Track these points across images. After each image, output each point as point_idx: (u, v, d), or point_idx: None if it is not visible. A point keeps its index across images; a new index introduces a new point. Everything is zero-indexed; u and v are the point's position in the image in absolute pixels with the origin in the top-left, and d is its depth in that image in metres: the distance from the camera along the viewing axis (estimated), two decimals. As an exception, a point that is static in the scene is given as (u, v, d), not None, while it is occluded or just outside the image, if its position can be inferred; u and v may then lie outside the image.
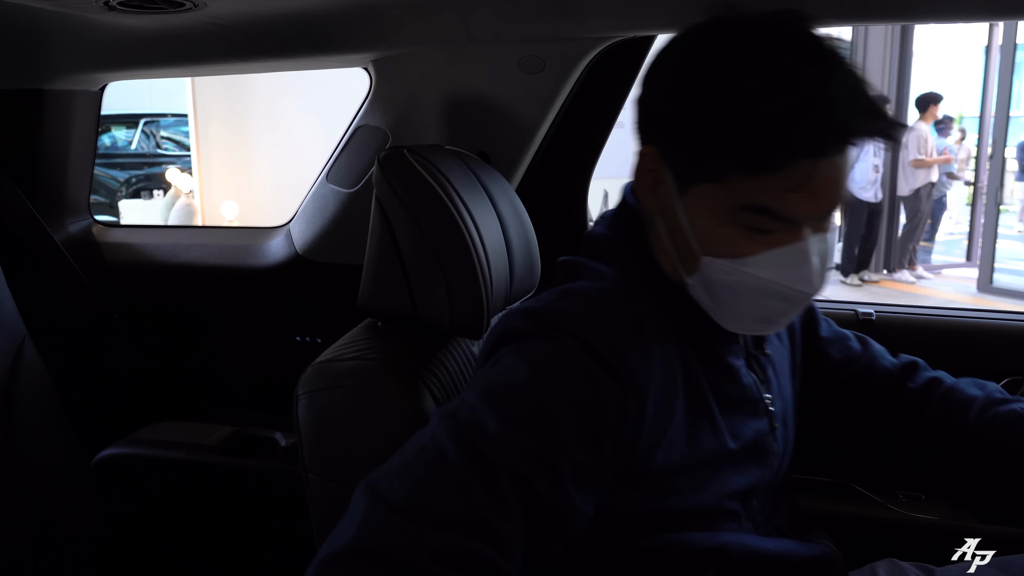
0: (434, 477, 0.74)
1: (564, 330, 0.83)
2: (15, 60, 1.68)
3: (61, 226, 1.94)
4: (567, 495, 0.77)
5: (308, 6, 1.36)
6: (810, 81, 0.77)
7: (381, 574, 0.69)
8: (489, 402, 0.79)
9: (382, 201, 1.10)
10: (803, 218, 0.82)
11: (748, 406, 0.96)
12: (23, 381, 1.55)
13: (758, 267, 0.84)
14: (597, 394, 0.80)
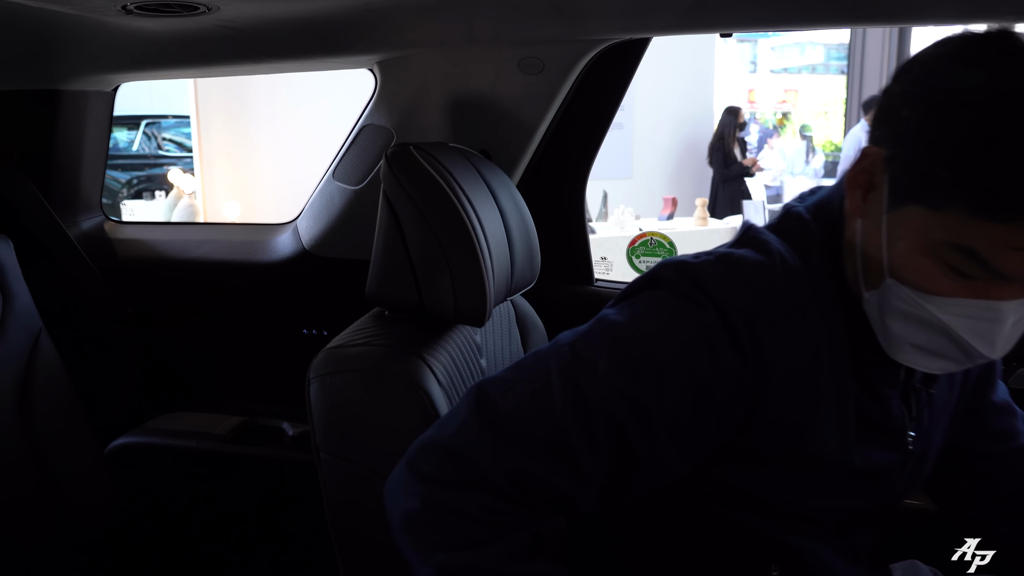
0: (534, 403, 0.80)
1: (706, 293, 0.81)
2: (33, 61, 1.72)
3: (74, 223, 1.98)
4: (657, 451, 0.80)
5: (317, 10, 1.40)
6: None
7: (463, 474, 0.79)
8: (608, 342, 0.81)
9: (389, 195, 1.14)
10: (1012, 277, 0.74)
11: (886, 436, 0.92)
12: (40, 372, 1.59)
13: (942, 309, 0.77)
14: (717, 366, 0.79)
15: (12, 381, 1.56)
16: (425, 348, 1.09)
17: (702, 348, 0.79)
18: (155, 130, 10.05)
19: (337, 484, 1.05)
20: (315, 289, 1.85)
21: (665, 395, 0.79)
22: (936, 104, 0.72)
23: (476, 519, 0.79)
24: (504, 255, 1.21)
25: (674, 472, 0.83)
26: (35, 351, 1.60)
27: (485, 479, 0.79)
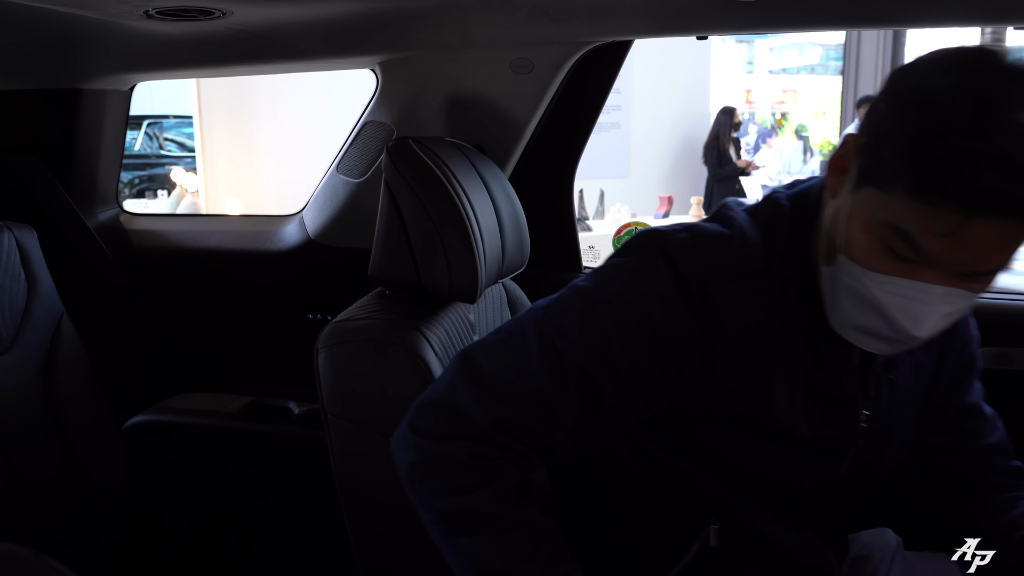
0: (514, 359, 0.91)
1: (666, 255, 0.91)
2: (56, 62, 1.81)
3: (92, 214, 2.07)
4: (621, 392, 0.90)
5: (323, 14, 1.50)
6: (1006, 136, 0.72)
7: (453, 425, 0.91)
8: (578, 302, 0.92)
9: (390, 184, 1.25)
10: (943, 264, 0.79)
11: (836, 411, 0.98)
12: (61, 353, 1.68)
13: (879, 286, 0.83)
14: (671, 314, 0.89)
15: (37, 360, 1.65)
16: (423, 322, 1.19)
17: (657, 300, 0.89)
18: (157, 130, 10.02)
19: (343, 443, 1.16)
20: (320, 276, 1.94)
21: (626, 342, 0.89)
22: (905, 100, 0.79)
23: (466, 465, 0.90)
24: (495, 240, 1.31)
25: (638, 414, 0.93)
26: (57, 333, 1.69)
27: (473, 427, 0.90)
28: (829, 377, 0.97)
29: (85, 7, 1.39)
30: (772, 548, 1.01)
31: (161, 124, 10.08)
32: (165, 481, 1.89)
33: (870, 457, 1.02)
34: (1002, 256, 0.79)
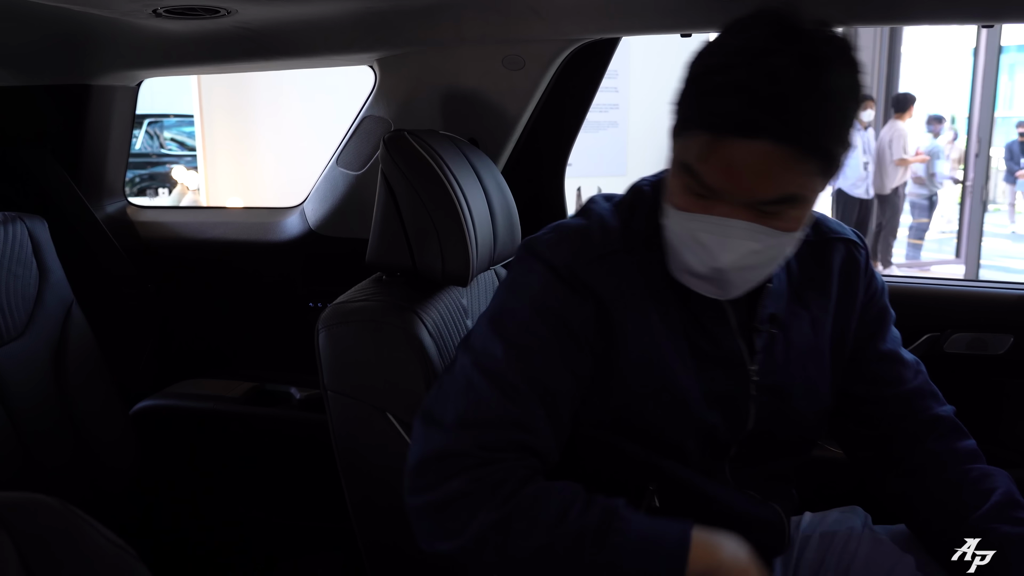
0: (469, 397, 0.96)
1: (538, 256, 1.01)
2: (67, 59, 1.88)
3: (100, 206, 2.14)
4: (566, 379, 0.98)
5: (324, 13, 1.56)
6: (741, 69, 0.82)
7: (446, 466, 0.93)
8: (494, 328, 1.00)
9: (387, 174, 1.31)
10: (725, 193, 0.88)
11: (725, 369, 1.04)
12: (72, 339, 1.74)
13: (684, 223, 0.93)
14: (564, 303, 0.98)
15: (49, 346, 1.71)
16: (418, 305, 1.26)
17: (547, 294, 0.99)
18: (157, 129, 10.00)
19: (342, 418, 1.22)
20: (320, 265, 2.01)
21: (545, 338, 0.98)
22: (695, 56, 0.89)
23: (473, 489, 0.92)
24: (487, 227, 1.38)
25: (581, 387, 1.01)
26: (68, 320, 1.75)
27: (465, 458, 0.93)
28: (710, 338, 1.03)
29: (98, 6, 1.45)
30: (715, 504, 1.05)
31: (162, 123, 10.07)
32: (172, 463, 1.96)
33: (776, 411, 1.07)
34: (773, 183, 0.86)
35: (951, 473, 1.09)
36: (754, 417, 1.06)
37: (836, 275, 1.12)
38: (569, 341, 0.99)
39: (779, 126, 0.82)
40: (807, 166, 0.86)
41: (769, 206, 0.88)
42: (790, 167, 0.85)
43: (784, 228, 0.91)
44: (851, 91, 0.87)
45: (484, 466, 0.92)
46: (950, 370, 1.70)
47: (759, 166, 0.85)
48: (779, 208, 0.89)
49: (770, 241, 0.91)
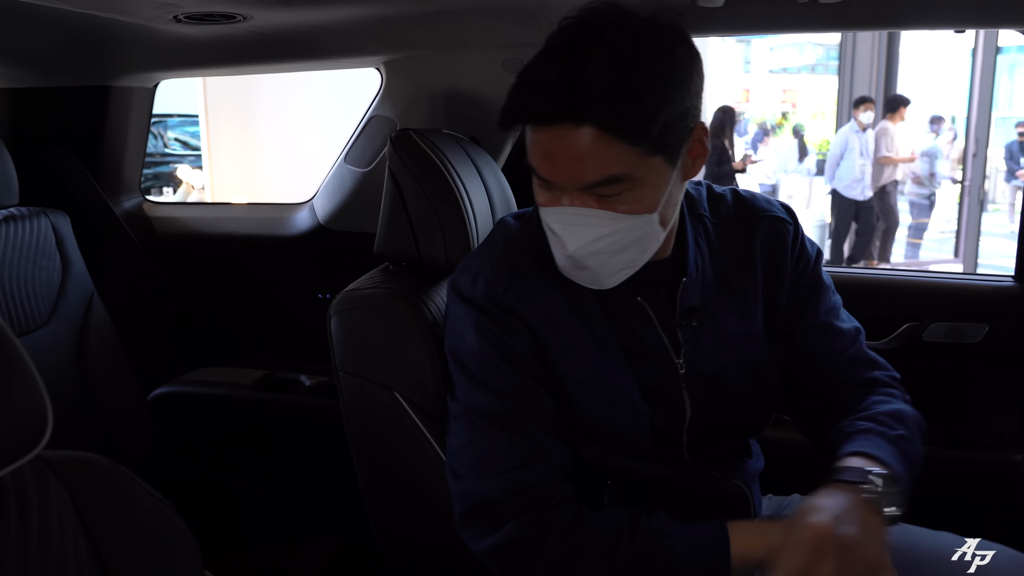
0: (478, 447, 1.04)
1: (462, 297, 1.09)
2: (89, 62, 1.97)
3: (119, 202, 2.23)
4: (543, 394, 1.05)
5: (334, 18, 1.65)
6: (539, 65, 0.91)
7: (492, 519, 1.01)
8: (464, 373, 1.07)
9: (394, 171, 1.38)
10: (551, 180, 0.96)
11: (653, 362, 1.09)
12: (93, 328, 1.83)
13: (543, 218, 1.01)
14: (498, 330, 1.05)
15: (72, 334, 1.81)
16: (423, 292, 1.34)
17: (482, 328, 1.06)
18: (161, 129, 10.01)
19: (353, 396, 1.30)
20: (329, 258, 2.09)
21: (505, 369, 1.05)
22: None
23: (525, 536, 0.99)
24: (488, 221, 1.46)
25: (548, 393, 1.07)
26: (89, 310, 1.84)
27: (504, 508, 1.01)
28: (634, 335, 1.08)
29: (123, 12, 1.55)
30: (674, 489, 1.11)
31: (166, 123, 10.05)
32: (187, 446, 2.04)
33: (714, 398, 1.11)
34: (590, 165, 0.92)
35: (859, 399, 1.12)
36: (690, 406, 1.10)
37: (759, 254, 1.14)
38: (524, 362, 1.05)
39: (576, 111, 0.88)
40: (619, 146, 0.90)
41: (602, 188, 0.93)
42: (601, 148, 0.90)
43: (629, 211, 0.95)
44: (649, 71, 0.90)
45: (525, 512, 1.00)
46: (928, 358, 1.78)
47: (571, 151, 0.91)
48: (613, 190, 0.94)
49: (617, 225, 0.96)
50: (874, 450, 1.00)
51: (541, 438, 1.04)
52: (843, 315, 1.21)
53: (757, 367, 1.14)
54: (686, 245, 1.11)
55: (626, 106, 0.89)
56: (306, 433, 1.97)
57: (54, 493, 0.69)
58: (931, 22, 1.54)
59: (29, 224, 1.78)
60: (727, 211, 1.18)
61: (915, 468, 1.04)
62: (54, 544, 0.66)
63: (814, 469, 1.11)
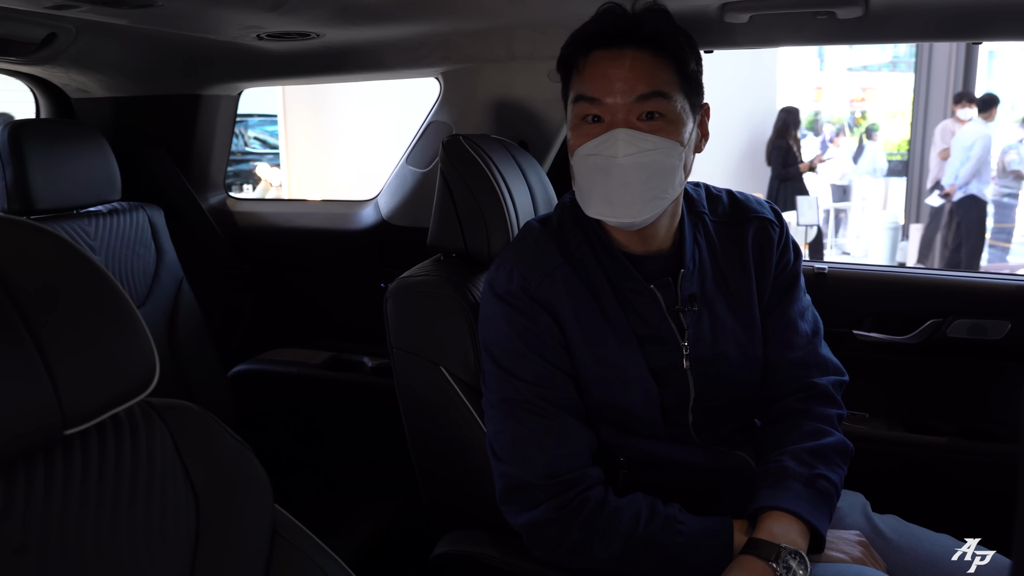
0: (512, 432, 1.16)
1: (496, 294, 1.20)
2: (183, 74, 2.18)
3: (205, 198, 2.44)
4: (567, 382, 1.17)
5: (397, 35, 1.81)
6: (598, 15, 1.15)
7: (528, 499, 1.14)
8: (497, 364, 1.18)
9: (445, 173, 1.52)
10: (604, 96, 1.10)
11: (662, 346, 1.20)
12: (182, 311, 2.04)
13: (587, 153, 1.14)
14: (527, 322, 1.17)
15: (164, 315, 2.02)
16: (468, 280, 1.47)
17: (513, 321, 1.18)
18: (242, 128, 10.20)
19: (404, 370, 1.45)
20: (390, 250, 2.25)
21: (533, 359, 1.17)
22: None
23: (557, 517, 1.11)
24: (530, 217, 1.59)
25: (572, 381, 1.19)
26: (179, 294, 2.05)
27: (539, 491, 1.13)
28: (644, 320, 1.20)
29: (213, 32, 1.75)
30: (681, 465, 1.21)
31: (246, 122, 10.27)
32: (263, 418, 2.22)
33: (714, 377, 1.22)
34: (642, 79, 1.09)
35: (791, 422, 1.23)
36: (694, 386, 1.22)
37: (751, 251, 1.27)
38: (551, 352, 1.17)
39: (634, 36, 1.10)
40: (664, 70, 1.11)
41: (648, 103, 1.11)
42: (651, 66, 1.10)
43: (660, 134, 1.11)
44: (680, 28, 1.14)
45: (557, 496, 1.12)
46: (951, 353, 1.84)
47: (628, 67, 1.10)
48: (657, 106, 1.11)
49: (658, 143, 1.11)
50: (792, 505, 1.10)
51: (568, 423, 1.15)
52: (808, 316, 1.32)
53: (751, 352, 1.25)
54: (684, 240, 1.24)
55: (672, 39, 1.12)
56: (367, 409, 2.13)
57: (158, 431, 0.81)
58: (945, 35, 1.61)
59: (129, 217, 1.99)
60: (723, 210, 1.31)
61: (832, 499, 1.15)
62: (157, 469, 0.78)
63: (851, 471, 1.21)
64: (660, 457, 1.21)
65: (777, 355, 1.28)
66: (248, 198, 2.70)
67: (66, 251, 0.72)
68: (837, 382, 1.29)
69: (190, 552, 0.77)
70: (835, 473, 1.17)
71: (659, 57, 1.11)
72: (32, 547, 0.67)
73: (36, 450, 0.70)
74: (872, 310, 1.90)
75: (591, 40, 1.13)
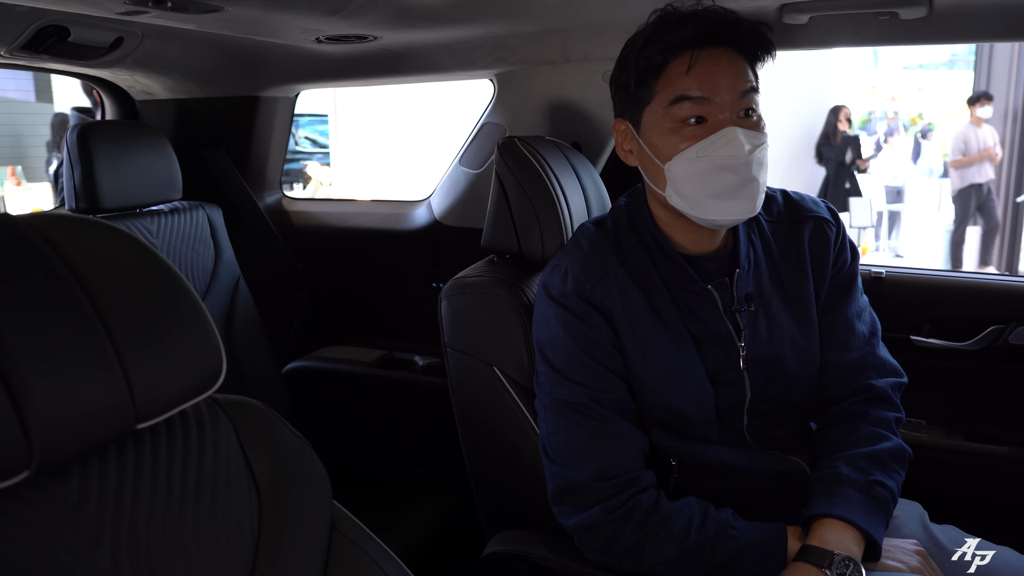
0: (566, 434, 1.16)
1: (552, 297, 1.21)
2: (243, 76, 2.23)
3: (262, 197, 2.49)
4: (621, 385, 1.17)
5: (452, 37, 1.83)
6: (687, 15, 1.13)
7: (581, 501, 1.14)
8: (551, 366, 1.19)
9: (500, 174, 1.53)
10: (709, 94, 1.10)
11: (719, 347, 1.20)
12: (239, 308, 2.08)
13: (697, 155, 1.11)
14: (582, 325, 1.17)
15: (222, 312, 2.06)
16: (522, 281, 1.48)
17: (568, 324, 1.18)
18: (293, 128, 10.42)
19: (458, 370, 1.46)
20: (443, 250, 2.27)
21: (587, 361, 1.17)
22: (620, 64, 1.20)
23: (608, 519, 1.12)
24: (584, 219, 1.59)
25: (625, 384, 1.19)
26: (236, 291, 2.09)
27: (591, 493, 1.14)
28: (702, 322, 1.19)
29: (273, 36, 1.78)
30: (734, 470, 1.21)
31: (297, 122, 10.41)
32: (316, 414, 2.26)
33: (771, 379, 1.21)
34: (741, 77, 1.11)
35: (847, 426, 1.22)
36: (751, 387, 1.21)
37: (807, 251, 1.27)
38: (605, 355, 1.17)
39: (728, 37, 1.12)
40: (749, 70, 1.14)
41: (747, 98, 1.13)
42: (743, 67, 1.13)
43: (759, 129, 1.14)
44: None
45: (610, 498, 1.12)
46: (1013, 361, 1.79)
47: (727, 66, 1.11)
48: (754, 100, 1.14)
49: (764, 137, 1.14)
50: (846, 512, 1.09)
51: (621, 426, 1.16)
52: (866, 316, 1.30)
53: (808, 353, 1.25)
54: (739, 240, 1.24)
55: (765, 38, 1.15)
56: (418, 407, 2.15)
57: (223, 426, 0.83)
58: (1011, 36, 1.57)
59: (189, 215, 2.04)
60: (778, 210, 1.31)
61: (889, 506, 1.13)
62: (222, 464, 0.80)
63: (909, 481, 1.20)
64: (713, 461, 1.21)
65: (834, 356, 1.26)
66: (303, 198, 2.75)
67: (139, 250, 0.75)
68: (896, 384, 1.27)
69: (252, 546, 0.79)
70: (892, 479, 1.15)
71: (743, 54, 1.14)
72: (105, 537, 0.69)
73: (110, 443, 0.72)
74: (931, 316, 1.86)
75: (693, 41, 1.11)
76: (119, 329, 0.68)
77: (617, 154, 1.27)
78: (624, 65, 1.19)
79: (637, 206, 1.27)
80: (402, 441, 2.22)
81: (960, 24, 1.52)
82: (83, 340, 0.65)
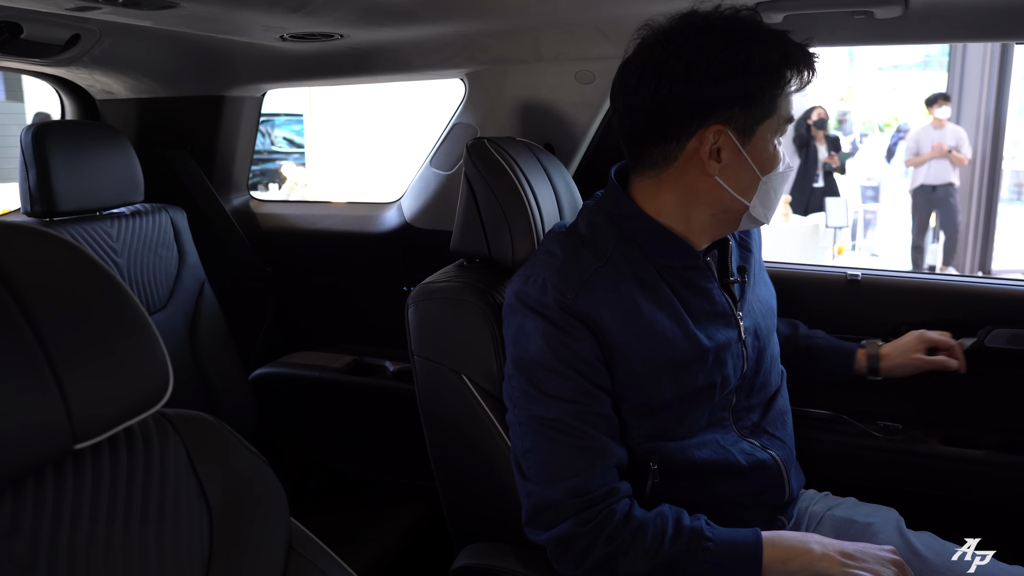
0: (541, 451, 1.14)
1: (530, 308, 1.16)
2: (207, 75, 2.18)
3: (228, 199, 2.44)
4: (604, 399, 1.14)
5: (421, 35, 1.79)
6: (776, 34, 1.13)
7: (553, 518, 1.12)
8: (528, 381, 1.15)
9: (469, 176, 1.50)
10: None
11: (720, 319, 1.23)
12: (204, 313, 2.03)
13: (783, 165, 1.20)
14: (564, 337, 1.13)
15: (186, 318, 2.01)
16: (492, 286, 1.45)
17: (547, 336, 1.15)
18: (269, 127, 10.31)
19: (425, 377, 1.43)
20: (414, 254, 2.24)
21: (568, 374, 1.14)
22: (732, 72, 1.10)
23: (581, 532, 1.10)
24: (555, 222, 1.57)
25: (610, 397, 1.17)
26: (201, 296, 2.04)
27: (564, 508, 1.11)
28: (706, 296, 1.22)
29: (236, 33, 1.74)
30: (710, 465, 1.20)
31: (273, 121, 10.36)
32: (284, 422, 2.22)
33: (759, 351, 1.29)
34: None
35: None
36: (748, 358, 1.26)
37: (751, 236, 1.40)
38: (588, 368, 1.14)
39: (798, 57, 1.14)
40: None
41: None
42: None
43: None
44: None
45: (582, 512, 1.10)
46: (990, 363, 1.77)
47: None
48: None
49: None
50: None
51: (601, 441, 1.13)
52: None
53: (774, 321, 1.38)
54: None
55: None
56: (389, 414, 2.12)
57: (172, 442, 0.80)
58: (986, 35, 1.58)
59: (151, 218, 1.98)
60: None
61: None
62: (171, 483, 0.77)
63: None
64: (694, 460, 1.20)
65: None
66: (271, 199, 2.69)
67: (77, 257, 0.71)
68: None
69: (203, 569, 0.76)
70: None
71: None
72: (40, 565, 0.66)
73: (46, 465, 0.68)
74: (908, 319, 1.84)
75: (804, 62, 1.15)
76: (54, 343, 0.64)
77: (700, 157, 1.17)
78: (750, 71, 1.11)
79: (615, 204, 1.25)
80: (372, 449, 2.19)
81: (935, 24, 1.51)
82: (13, 355, 0.62)
